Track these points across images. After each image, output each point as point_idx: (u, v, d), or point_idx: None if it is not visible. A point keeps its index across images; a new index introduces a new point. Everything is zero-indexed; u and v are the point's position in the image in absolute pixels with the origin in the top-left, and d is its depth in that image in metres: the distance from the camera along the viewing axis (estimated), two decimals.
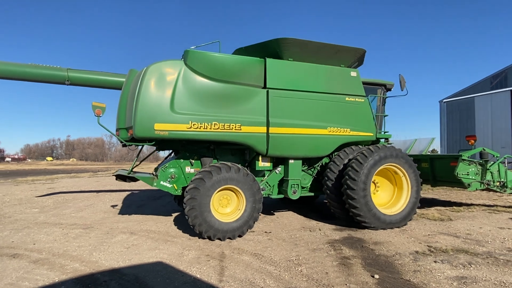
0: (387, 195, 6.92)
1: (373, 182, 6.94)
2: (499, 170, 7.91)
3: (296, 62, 6.73)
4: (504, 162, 8.09)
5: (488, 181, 7.82)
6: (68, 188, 14.68)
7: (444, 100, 19.25)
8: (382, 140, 7.83)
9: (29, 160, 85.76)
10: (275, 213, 8.26)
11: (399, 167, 6.58)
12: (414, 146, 9.33)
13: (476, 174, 7.74)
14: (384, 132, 7.91)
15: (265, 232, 6.32)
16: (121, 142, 6.31)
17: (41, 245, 5.46)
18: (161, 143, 6.44)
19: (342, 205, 6.58)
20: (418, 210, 8.20)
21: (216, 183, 5.68)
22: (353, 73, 7.21)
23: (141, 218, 7.68)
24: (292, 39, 6.42)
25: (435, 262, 4.44)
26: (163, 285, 3.80)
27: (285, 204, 9.45)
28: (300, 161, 6.96)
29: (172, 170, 6.47)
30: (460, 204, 9.11)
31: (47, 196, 11.94)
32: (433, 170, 8.23)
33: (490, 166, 7.84)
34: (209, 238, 5.66)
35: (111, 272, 4.24)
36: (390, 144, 9.25)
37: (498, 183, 7.91)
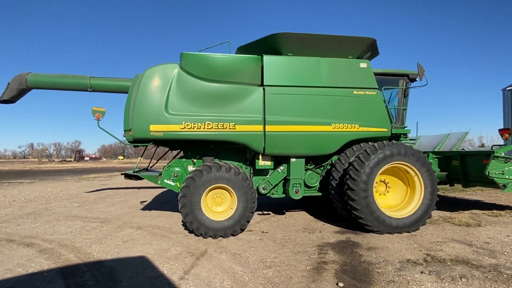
0: (399, 196, 6.32)
1: (384, 182, 6.42)
2: None
3: (295, 57, 6.49)
4: None
5: None
6: (117, 185, 16.10)
7: (508, 88, 16.76)
8: (417, 136, 7.16)
9: (104, 159, 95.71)
10: (287, 212, 8.09)
11: (410, 165, 5.97)
12: (451, 142, 8.35)
13: None
14: (404, 127, 7.24)
15: (262, 232, 6.24)
16: (121, 142, 6.80)
17: (56, 236, 6.10)
18: (165, 143, 6.73)
19: (347, 206, 6.19)
20: (447, 213, 7.42)
21: (206, 182, 5.77)
22: (363, 64, 6.71)
23: (158, 214, 8.13)
24: (288, 33, 6.20)
25: (421, 273, 3.96)
26: (128, 279, 4.00)
27: (302, 203, 9.19)
28: (303, 160, 6.70)
29: (175, 169, 6.72)
30: (503, 208, 7.93)
31: (95, 192, 13.25)
32: (464, 169, 7.29)
33: None
34: (202, 236, 5.79)
35: (95, 264, 4.57)
36: (413, 140, 8.49)
37: None
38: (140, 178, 6.89)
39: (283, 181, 7.02)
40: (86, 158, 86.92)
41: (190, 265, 4.42)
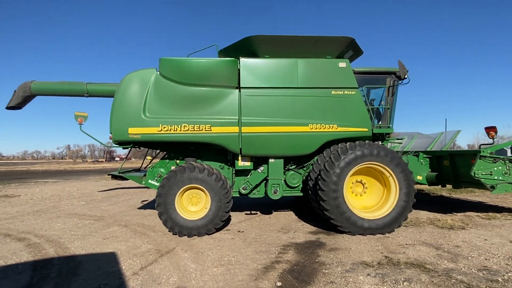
0: (376, 197, 6.21)
1: (361, 183, 6.34)
2: None
3: (271, 59, 6.55)
4: None
5: None
6: (131, 184, 16.80)
7: None
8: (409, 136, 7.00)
9: (133, 159, 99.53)
10: (274, 212, 8.15)
11: (384, 166, 5.85)
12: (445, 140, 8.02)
13: (505, 173, 6.29)
14: (388, 127, 7.06)
15: (238, 231, 6.36)
16: (102, 144, 7.20)
17: (48, 232, 6.57)
18: (147, 144, 7.03)
19: None
20: (437, 215, 7.19)
21: (180, 182, 5.99)
22: (342, 64, 6.64)
23: (150, 212, 8.48)
24: (262, 36, 6.28)
25: (367, 275, 3.92)
26: (88, 272, 4.28)
27: (295, 203, 9.20)
28: (282, 160, 6.75)
29: (159, 169, 7.01)
30: (502, 210, 7.51)
31: (106, 191, 13.96)
32: (454, 169, 6.99)
33: None
34: (177, 234, 6.01)
35: (67, 258, 4.92)
36: (400, 139, 8.26)
37: None
38: (124, 179, 7.24)
39: (265, 182, 7.09)
40: (117, 159, 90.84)
41: (150, 261, 4.65)
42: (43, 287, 3.84)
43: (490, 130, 6.26)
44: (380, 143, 7.18)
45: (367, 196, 6.30)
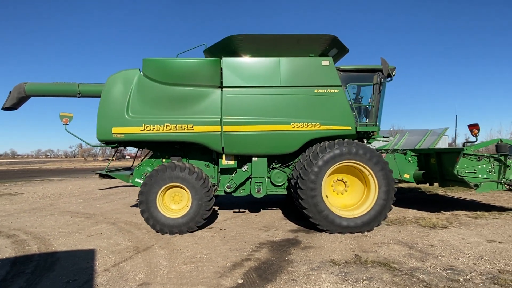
0: (357, 196, 6.19)
1: (342, 181, 6.32)
2: None
3: (254, 58, 6.58)
4: None
5: (511, 180, 6.16)
6: None
7: None
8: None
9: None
10: (262, 210, 8.20)
11: (362, 164, 5.83)
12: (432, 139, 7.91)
13: (490, 172, 6.18)
14: (374, 125, 7.01)
15: (221, 229, 6.44)
16: (88, 144, 7.32)
17: (38, 229, 6.76)
18: (133, 144, 7.14)
19: None
20: (424, 214, 7.14)
21: (161, 181, 6.08)
22: (325, 62, 6.61)
23: None
24: (243, 35, 6.31)
25: (331, 273, 3.94)
26: (62, 268, 4.40)
27: (289, 201, 9.21)
28: (265, 159, 6.78)
29: (145, 168, 7.12)
30: (492, 209, 7.38)
31: (107, 189, 14.21)
32: (440, 167, 6.90)
33: None
34: (159, 232, 6.12)
35: (47, 255, 5.07)
36: (386, 137, 8.19)
37: None
38: (111, 178, 7.38)
39: (250, 180, 7.13)
40: (127, 157, 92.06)
41: (124, 258, 4.75)
42: (16, 282, 3.97)
43: (473, 128, 6.15)
44: (366, 142, 7.18)
45: (348, 194, 6.29)
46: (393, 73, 7.35)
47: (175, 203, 6.35)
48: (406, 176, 7.37)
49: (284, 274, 3.96)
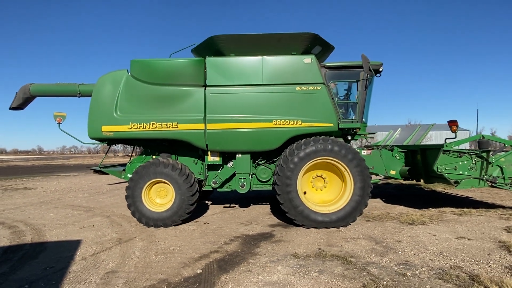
0: (336, 192, 6.28)
1: (321, 177, 6.42)
2: None
3: (236, 57, 6.74)
4: None
5: (494, 177, 6.06)
6: None
7: None
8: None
9: None
10: (253, 206, 8.40)
11: (338, 161, 5.92)
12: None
13: (471, 168, 6.10)
14: (357, 122, 7.04)
15: (205, 223, 6.70)
16: (80, 142, 7.67)
17: (38, 221, 7.25)
18: (123, 141, 7.48)
19: None
20: (410, 210, 7.17)
21: (146, 177, 6.39)
22: (307, 60, 6.70)
23: None
24: (223, 35, 6.50)
25: (287, 266, 4.11)
26: (45, 257, 4.77)
27: None
28: (248, 156, 6.96)
29: (137, 164, 7.46)
30: (480, 205, 7.26)
31: (115, 184, 14.81)
32: (425, 163, 6.85)
33: (496, 158, 6.04)
34: (145, 225, 6.45)
35: (37, 244, 5.48)
36: (372, 134, 8.15)
37: None
38: (104, 173, 7.77)
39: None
40: None
41: (104, 249, 5.09)
42: (0, 268, 4.37)
43: (452, 124, 6.07)
44: (350, 138, 7.22)
45: (327, 190, 6.38)
46: (380, 69, 7.35)
47: (160, 197, 6.66)
48: (392, 172, 7.36)
49: (243, 266, 4.16)
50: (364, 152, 7.33)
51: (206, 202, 9.14)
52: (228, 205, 8.58)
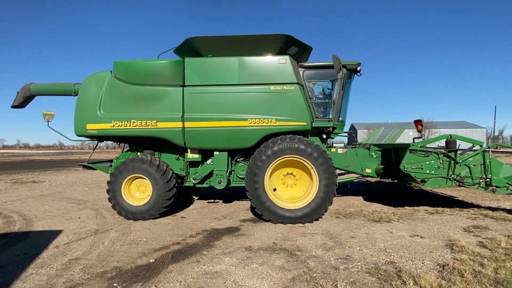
0: (305, 189, 6.47)
1: (292, 175, 6.63)
2: (485, 164, 6.03)
3: (213, 58, 7.01)
4: (488, 152, 6.03)
5: (462, 177, 6.09)
6: None
7: None
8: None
9: None
10: (236, 201, 8.67)
11: (304, 159, 6.11)
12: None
13: (438, 168, 6.14)
14: (337, 120, 7.19)
15: (182, 217, 7.03)
16: (68, 139, 8.11)
17: (32, 212, 7.77)
18: (109, 138, 7.89)
19: None
20: (385, 208, 7.31)
21: (125, 172, 6.78)
22: (282, 60, 6.89)
23: None
24: (198, 37, 6.78)
25: (235, 257, 4.37)
26: (25, 244, 5.21)
27: None
28: (226, 153, 7.22)
29: (121, 160, 7.87)
30: (456, 206, 7.27)
31: None
32: (397, 162, 6.91)
33: (464, 158, 6.06)
34: (125, 217, 6.84)
35: (22, 233, 5.94)
36: (349, 132, 8.23)
37: (481, 181, 6.05)
38: (93, 169, 8.21)
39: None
40: None
41: (78, 239, 5.49)
42: None
43: (417, 124, 6.13)
44: (326, 137, 7.37)
45: (297, 187, 6.58)
46: (358, 69, 7.46)
47: (140, 192, 7.03)
48: (368, 170, 7.45)
49: (194, 256, 4.45)
50: (340, 151, 7.47)
51: (194, 197, 9.49)
52: (212, 200, 8.89)
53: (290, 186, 6.62)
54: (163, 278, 3.76)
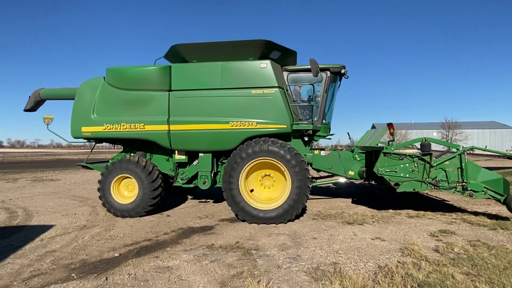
0: (280, 190, 6.63)
1: (270, 176, 6.80)
2: (462, 168, 5.92)
3: (198, 63, 7.32)
4: (464, 155, 5.90)
5: (437, 181, 6.01)
6: None
7: None
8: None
9: None
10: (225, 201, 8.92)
11: (277, 162, 6.27)
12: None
13: (413, 171, 6.09)
14: (320, 123, 7.30)
15: (167, 215, 7.38)
16: (66, 141, 8.60)
17: (35, 208, 8.41)
18: (104, 140, 8.38)
19: None
20: (367, 210, 7.32)
21: (114, 172, 7.23)
22: (263, 65, 7.09)
23: None
24: (182, 44, 7.10)
25: (192, 254, 4.62)
26: (15, 237, 5.72)
27: None
28: (210, 155, 7.50)
29: None
30: (440, 210, 7.14)
31: None
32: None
33: (439, 162, 5.97)
34: (113, 215, 7.28)
35: (19, 227, 6.51)
36: (331, 134, 8.25)
37: (458, 185, 5.94)
38: (90, 168, 8.74)
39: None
40: None
41: (64, 233, 5.95)
42: None
43: (389, 127, 6.10)
44: (307, 139, 7.46)
45: (275, 188, 6.75)
46: (342, 71, 7.52)
47: (128, 191, 7.46)
48: (351, 173, 7.47)
49: (156, 252, 4.75)
50: (323, 153, 7.54)
51: (188, 196, 9.85)
52: (204, 200, 9.21)
53: (268, 188, 6.80)
54: (118, 270, 4.08)
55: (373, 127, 63.69)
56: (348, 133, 9.60)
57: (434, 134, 53.49)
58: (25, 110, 10.45)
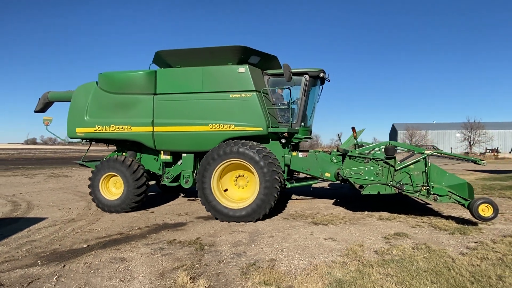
0: (253, 190, 6.89)
1: (243, 177, 7.10)
2: (426, 171, 5.95)
3: (180, 68, 7.74)
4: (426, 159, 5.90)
5: (401, 184, 6.07)
6: None
7: None
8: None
9: None
10: None
11: (246, 163, 6.55)
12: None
13: (377, 174, 6.18)
14: (298, 126, 7.54)
15: (151, 212, 7.85)
16: (63, 140, 9.26)
17: (38, 202, 9.15)
18: (98, 140, 8.96)
19: None
20: (350, 213, 7.49)
21: (102, 170, 7.79)
22: (241, 70, 7.40)
23: None
24: (165, 50, 7.55)
25: (150, 248, 5.02)
26: (8, 228, 6.35)
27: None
28: (192, 155, 7.91)
29: None
30: (412, 213, 7.16)
31: None
32: None
33: (403, 165, 6.03)
34: (102, 210, 7.84)
35: (16, 219, 7.18)
36: (309, 138, 8.38)
37: (422, 188, 5.98)
38: (87, 166, 9.37)
39: None
40: None
41: (51, 225, 6.54)
42: None
43: (353, 131, 6.20)
44: (284, 141, 7.69)
45: (248, 188, 7.05)
46: (321, 75, 7.71)
47: (116, 188, 8.00)
48: (327, 175, 7.60)
49: (120, 245, 5.19)
50: (300, 154, 7.73)
51: (181, 194, 10.32)
52: (193, 198, 9.63)
53: (241, 187, 7.11)
54: (78, 260, 4.54)
55: (393, 128, 62.11)
56: (338, 134, 9.71)
57: (457, 135, 51.41)
58: (35, 111, 11.25)
